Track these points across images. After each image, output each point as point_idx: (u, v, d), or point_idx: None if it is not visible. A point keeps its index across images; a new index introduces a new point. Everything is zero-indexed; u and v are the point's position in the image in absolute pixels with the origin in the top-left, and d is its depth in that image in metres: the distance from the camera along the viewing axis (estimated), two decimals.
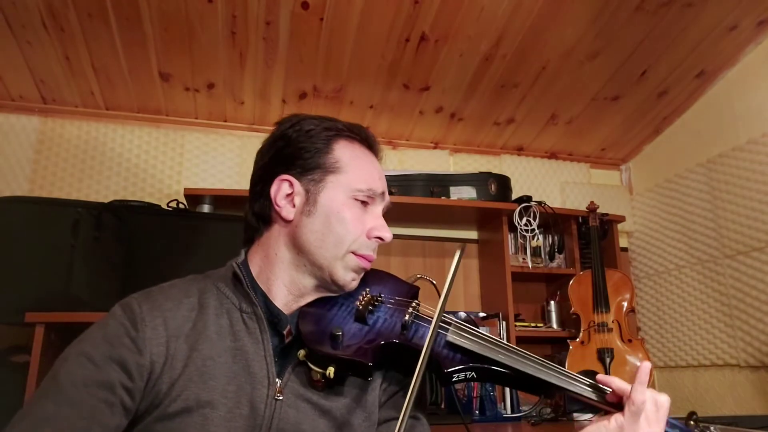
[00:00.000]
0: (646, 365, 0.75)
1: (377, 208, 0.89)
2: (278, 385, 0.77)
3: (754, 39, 2.31)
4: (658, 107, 2.69)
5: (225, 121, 2.65)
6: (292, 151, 0.87)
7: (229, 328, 0.80)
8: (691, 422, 0.77)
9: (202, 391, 0.73)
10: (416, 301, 0.88)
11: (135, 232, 1.97)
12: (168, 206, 2.16)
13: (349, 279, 0.86)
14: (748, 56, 2.37)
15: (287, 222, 0.86)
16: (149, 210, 2.09)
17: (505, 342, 0.81)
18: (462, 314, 2.44)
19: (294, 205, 0.86)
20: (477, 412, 2.26)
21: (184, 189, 2.33)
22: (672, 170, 2.77)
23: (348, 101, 2.53)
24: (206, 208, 2.34)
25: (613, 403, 0.76)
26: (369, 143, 0.92)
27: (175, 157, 2.55)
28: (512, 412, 2.32)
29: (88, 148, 2.46)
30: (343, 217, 0.84)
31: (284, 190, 0.86)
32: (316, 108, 2.53)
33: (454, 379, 0.78)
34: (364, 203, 0.86)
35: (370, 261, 0.87)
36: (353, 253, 0.85)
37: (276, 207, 0.86)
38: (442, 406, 2.28)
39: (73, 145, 2.45)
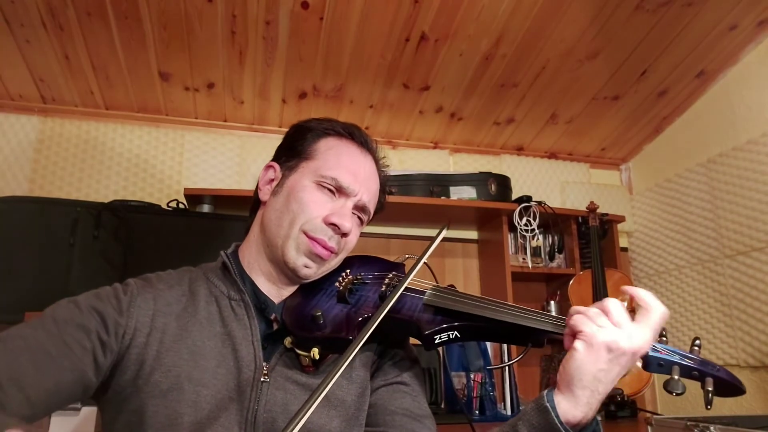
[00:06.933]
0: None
1: (347, 202, 0.88)
2: (264, 368, 0.78)
3: (754, 39, 2.30)
4: (658, 107, 2.68)
5: (225, 121, 2.65)
6: (286, 145, 0.94)
7: (218, 315, 0.82)
8: (696, 347, 0.72)
9: (194, 369, 0.76)
10: (393, 273, 0.90)
11: (134, 231, 1.96)
12: (168, 206, 2.16)
13: (300, 263, 0.85)
14: (748, 56, 2.36)
15: (263, 204, 0.92)
16: (149, 210, 2.09)
17: (483, 296, 0.82)
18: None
19: (271, 189, 0.91)
20: (477, 412, 2.26)
21: (184, 189, 2.32)
22: (672, 170, 2.77)
23: (348, 101, 2.53)
24: (206, 208, 2.33)
25: None
26: (360, 142, 0.93)
27: (175, 157, 2.55)
28: (512, 411, 2.31)
29: (87, 147, 2.46)
30: (300, 197, 0.86)
31: (268, 176, 0.93)
32: (316, 107, 2.53)
33: (437, 341, 0.78)
34: (332, 192, 0.87)
35: (324, 248, 0.85)
36: (305, 233, 0.84)
37: (259, 191, 0.93)
38: (442, 406, 2.28)
39: (72, 145, 2.45)
